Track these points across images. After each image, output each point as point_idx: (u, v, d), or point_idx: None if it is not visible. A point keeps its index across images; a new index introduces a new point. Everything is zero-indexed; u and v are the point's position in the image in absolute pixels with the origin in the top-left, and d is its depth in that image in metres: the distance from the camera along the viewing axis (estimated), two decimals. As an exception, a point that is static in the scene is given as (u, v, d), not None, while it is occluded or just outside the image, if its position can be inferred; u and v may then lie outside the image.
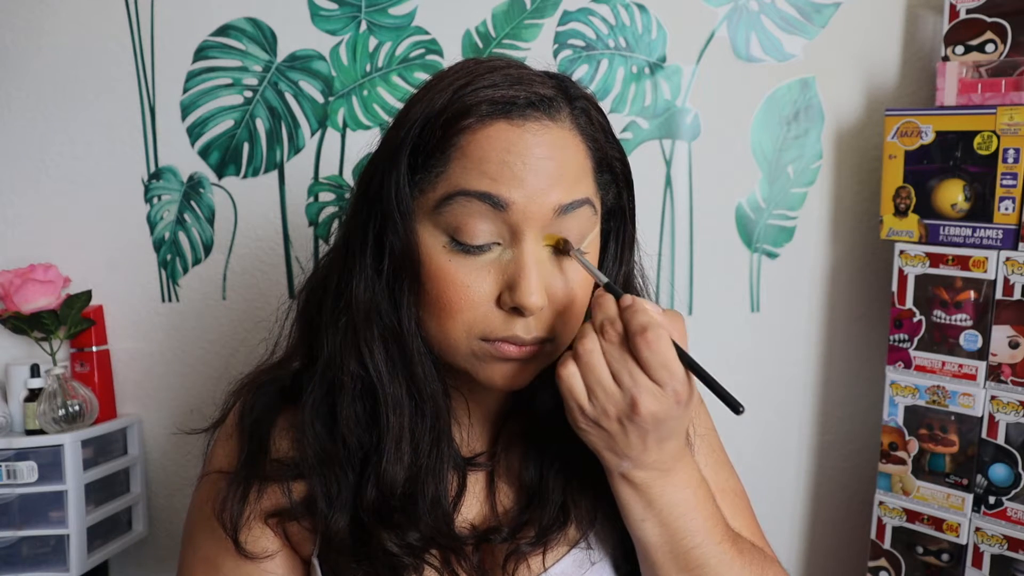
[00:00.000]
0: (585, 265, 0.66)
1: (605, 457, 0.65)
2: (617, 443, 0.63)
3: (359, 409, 0.68)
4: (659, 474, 0.64)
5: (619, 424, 0.62)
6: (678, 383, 0.60)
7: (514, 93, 0.64)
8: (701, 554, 0.66)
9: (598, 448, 0.64)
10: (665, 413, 0.60)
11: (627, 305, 0.61)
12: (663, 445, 0.63)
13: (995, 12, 1.08)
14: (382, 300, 0.67)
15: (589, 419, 0.62)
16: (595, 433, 0.63)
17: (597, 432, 0.63)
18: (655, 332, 0.59)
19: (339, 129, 1.29)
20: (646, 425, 0.61)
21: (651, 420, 0.60)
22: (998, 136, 1.04)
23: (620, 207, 0.73)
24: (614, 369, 0.61)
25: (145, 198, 1.32)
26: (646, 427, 0.61)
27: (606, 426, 0.62)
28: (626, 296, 0.62)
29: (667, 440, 0.63)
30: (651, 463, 0.64)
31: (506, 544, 0.71)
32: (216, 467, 0.76)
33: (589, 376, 0.62)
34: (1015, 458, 1.06)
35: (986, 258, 1.06)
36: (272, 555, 0.73)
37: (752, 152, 1.28)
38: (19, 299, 1.24)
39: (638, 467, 0.64)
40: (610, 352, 0.61)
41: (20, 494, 1.18)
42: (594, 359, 0.61)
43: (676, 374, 0.60)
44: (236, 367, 1.31)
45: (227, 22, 1.27)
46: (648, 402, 0.60)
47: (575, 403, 0.62)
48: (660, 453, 0.63)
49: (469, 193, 0.63)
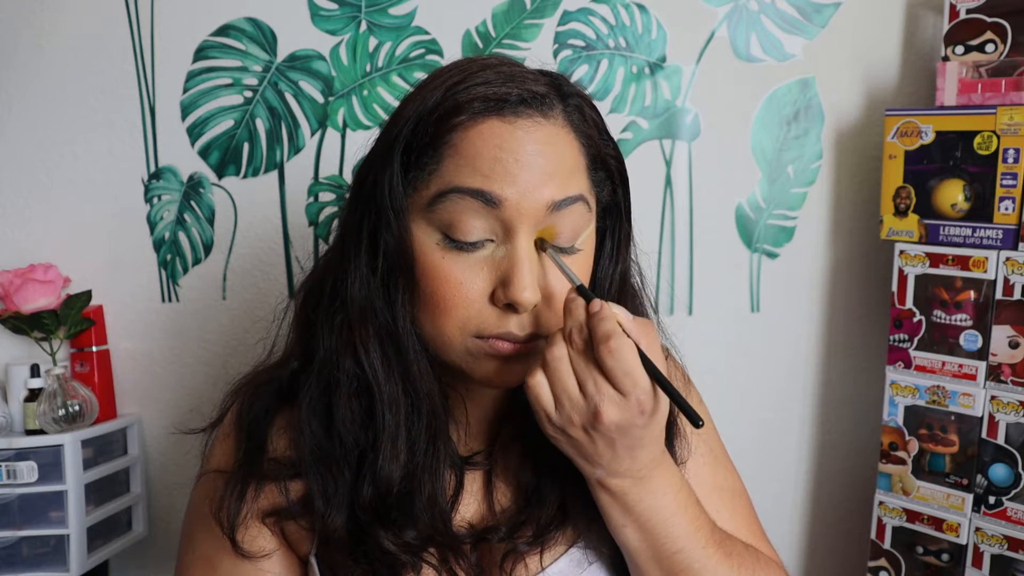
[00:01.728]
0: (559, 265, 0.65)
1: (579, 464, 0.65)
2: (586, 451, 0.62)
3: (355, 407, 0.68)
4: (634, 481, 0.64)
5: (584, 432, 0.61)
6: (642, 392, 0.59)
7: (506, 90, 0.64)
8: (684, 559, 0.66)
9: (571, 456, 0.64)
10: (628, 422, 0.60)
11: (594, 312, 0.61)
12: (634, 453, 0.62)
13: (995, 12, 1.08)
14: (377, 298, 0.67)
15: (556, 427, 0.62)
16: (564, 441, 0.63)
17: (566, 440, 0.63)
18: (618, 340, 0.59)
19: (339, 129, 1.29)
20: (611, 434, 0.60)
21: (615, 429, 0.60)
22: (998, 136, 1.04)
23: (616, 204, 0.72)
24: (580, 377, 0.61)
25: (145, 198, 1.32)
26: (611, 436, 0.61)
27: (573, 434, 0.62)
28: (595, 301, 0.62)
29: (637, 448, 0.62)
30: (624, 471, 0.63)
31: (504, 543, 0.71)
32: (214, 466, 0.76)
33: (556, 385, 0.61)
34: (1015, 458, 1.05)
35: (986, 258, 1.06)
36: (269, 554, 0.73)
37: (752, 152, 1.28)
38: (19, 299, 1.24)
39: (612, 475, 0.64)
40: (576, 360, 0.61)
41: (20, 494, 1.18)
42: (561, 367, 0.61)
43: (639, 383, 0.59)
44: (236, 367, 1.31)
45: (227, 22, 1.27)
46: (611, 411, 0.59)
47: (542, 411, 0.62)
48: (632, 461, 0.63)
49: (462, 190, 0.63)
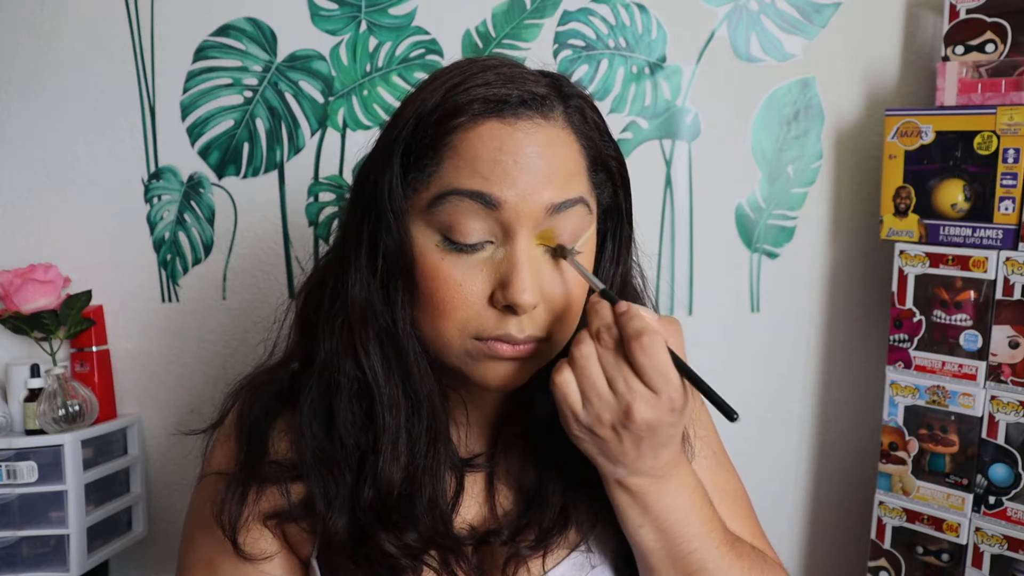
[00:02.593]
0: (581, 271, 0.65)
1: (600, 464, 0.64)
2: (612, 450, 0.62)
3: (356, 409, 0.68)
4: (654, 480, 0.64)
5: (613, 431, 0.61)
6: (673, 390, 0.59)
7: (506, 92, 0.64)
8: (699, 559, 0.65)
9: (593, 455, 0.64)
10: (659, 420, 0.60)
11: (623, 311, 0.61)
12: (658, 452, 0.62)
13: (995, 12, 1.08)
14: (377, 300, 0.67)
15: (583, 426, 0.62)
16: (589, 440, 0.63)
17: (591, 439, 0.63)
18: (651, 337, 0.59)
19: (339, 129, 1.29)
20: (641, 432, 0.60)
21: (645, 427, 0.60)
22: (998, 136, 1.04)
23: (616, 206, 0.72)
24: (609, 375, 0.60)
25: (145, 198, 1.32)
26: (641, 434, 0.60)
27: (601, 433, 0.61)
28: (621, 302, 0.62)
29: (662, 447, 0.62)
30: (646, 470, 0.63)
31: (506, 547, 0.70)
32: (215, 469, 0.76)
33: (584, 382, 0.61)
34: (1015, 458, 1.06)
35: (986, 258, 1.06)
36: (271, 556, 0.72)
37: (752, 152, 1.28)
38: (19, 299, 1.24)
39: (633, 474, 0.63)
40: (605, 358, 0.61)
41: (20, 494, 1.18)
42: (590, 364, 0.61)
43: (671, 380, 0.59)
44: (236, 367, 1.31)
45: (227, 22, 1.27)
46: (643, 409, 0.59)
47: (569, 410, 0.62)
48: (655, 460, 0.63)
49: (461, 192, 0.63)
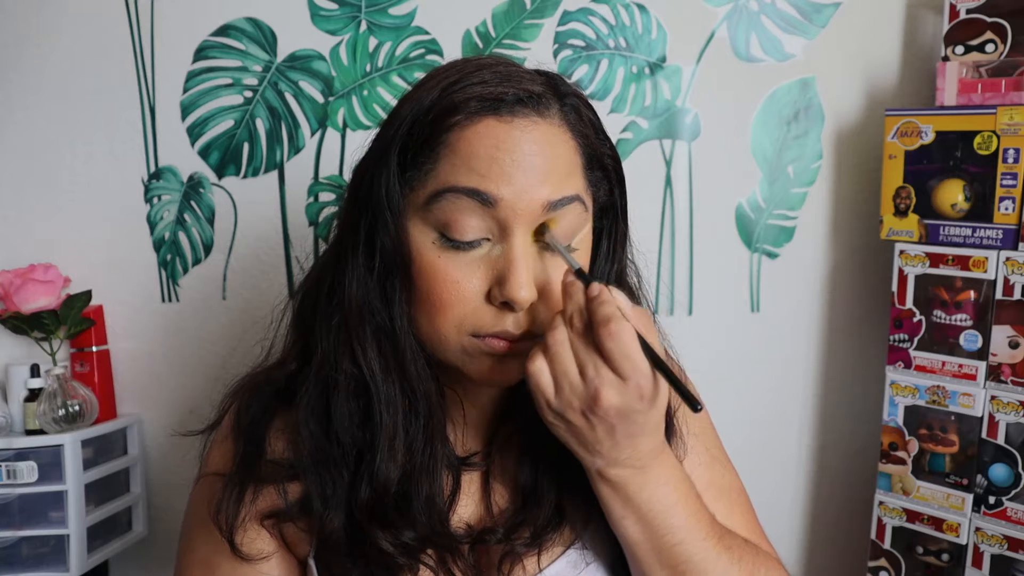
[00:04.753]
0: (558, 248, 0.65)
1: (579, 454, 0.64)
2: (586, 437, 0.62)
3: (353, 407, 0.68)
4: (634, 471, 0.64)
5: (583, 418, 0.61)
6: (642, 377, 0.59)
7: (503, 90, 0.64)
8: (684, 551, 0.65)
9: (570, 444, 0.64)
10: (628, 407, 0.60)
11: (593, 295, 0.60)
12: (635, 442, 0.62)
13: (995, 12, 1.08)
14: (374, 298, 0.67)
15: (555, 412, 0.62)
16: (564, 427, 0.63)
17: (565, 426, 0.63)
18: (618, 324, 0.58)
19: (339, 129, 1.29)
20: (611, 419, 0.60)
21: (615, 413, 0.60)
22: (998, 136, 1.04)
23: (612, 204, 0.72)
24: (580, 361, 0.60)
25: (145, 198, 1.32)
26: (611, 421, 0.60)
27: (571, 419, 0.61)
28: (593, 285, 0.61)
29: (638, 436, 0.62)
30: (624, 460, 0.63)
31: (501, 545, 0.70)
32: (212, 469, 0.76)
33: (556, 368, 0.61)
34: (1015, 458, 1.05)
35: (986, 258, 1.06)
36: (268, 556, 0.73)
37: (752, 152, 1.28)
38: (19, 299, 1.24)
39: (612, 465, 0.63)
40: (576, 344, 0.61)
41: (20, 494, 1.18)
42: (562, 350, 0.61)
43: (639, 367, 0.59)
44: (236, 367, 1.30)
45: (227, 22, 1.28)
46: (610, 395, 0.59)
47: (541, 396, 0.62)
48: (633, 450, 0.63)
49: (458, 190, 0.63)
